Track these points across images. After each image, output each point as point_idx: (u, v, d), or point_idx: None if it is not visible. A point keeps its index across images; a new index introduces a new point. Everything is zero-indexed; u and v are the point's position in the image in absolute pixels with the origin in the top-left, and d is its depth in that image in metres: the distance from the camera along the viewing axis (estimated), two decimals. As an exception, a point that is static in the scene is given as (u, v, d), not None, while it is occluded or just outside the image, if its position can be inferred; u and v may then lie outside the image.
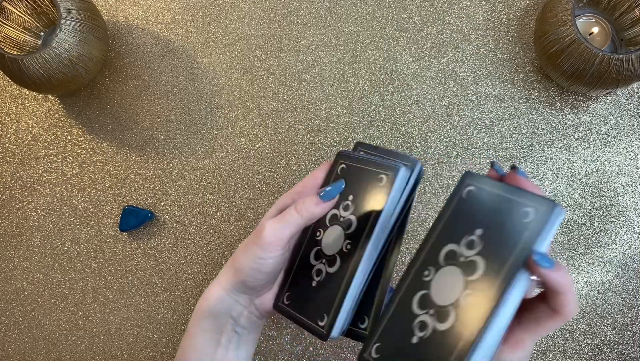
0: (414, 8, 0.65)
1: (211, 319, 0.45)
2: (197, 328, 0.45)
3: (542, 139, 0.63)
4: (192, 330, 0.45)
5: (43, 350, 0.63)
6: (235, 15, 0.66)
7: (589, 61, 0.54)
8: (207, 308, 0.45)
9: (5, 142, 0.65)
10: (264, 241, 0.42)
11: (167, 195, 0.64)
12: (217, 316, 0.45)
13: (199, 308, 0.46)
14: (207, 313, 0.45)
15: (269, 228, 0.42)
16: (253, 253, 0.43)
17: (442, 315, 0.35)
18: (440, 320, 0.35)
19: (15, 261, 0.64)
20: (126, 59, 0.66)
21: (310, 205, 0.43)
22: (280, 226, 0.42)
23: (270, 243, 0.42)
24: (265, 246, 0.42)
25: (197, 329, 0.45)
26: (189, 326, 0.46)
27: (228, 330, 0.46)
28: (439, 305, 0.35)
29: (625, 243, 0.61)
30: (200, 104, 0.65)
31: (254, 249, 0.43)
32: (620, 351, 0.60)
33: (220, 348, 0.45)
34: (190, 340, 0.45)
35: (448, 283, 0.36)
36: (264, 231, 0.42)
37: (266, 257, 0.43)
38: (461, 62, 0.64)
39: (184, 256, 0.63)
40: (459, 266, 0.36)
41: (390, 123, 0.64)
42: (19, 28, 0.61)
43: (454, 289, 0.35)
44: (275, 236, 0.42)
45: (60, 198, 0.64)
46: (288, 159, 0.64)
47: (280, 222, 0.42)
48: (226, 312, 0.45)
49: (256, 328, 0.48)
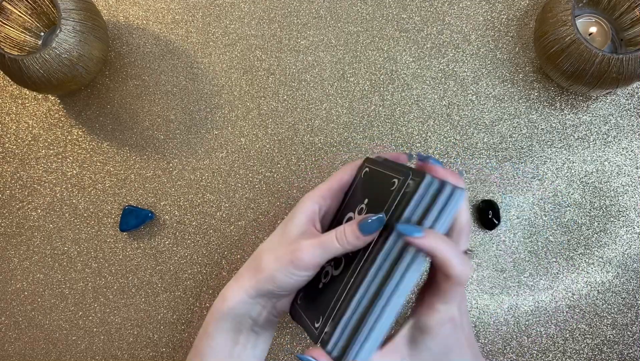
0: (414, 8, 0.65)
1: (231, 320, 0.45)
2: (216, 328, 0.45)
3: (542, 139, 0.63)
4: (211, 330, 0.45)
5: (43, 350, 0.63)
6: (235, 15, 0.66)
7: (589, 61, 0.54)
8: (227, 309, 0.45)
9: (5, 142, 0.65)
10: (304, 262, 0.42)
11: (167, 195, 0.64)
12: (237, 318, 0.45)
13: (218, 309, 0.45)
14: (227, 315, 0.45)
15: (307, 251, 0.42)
16: (288, 270, 0.42)
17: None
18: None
19: (15, 261, 0.64)
20: (126, 59, 0.66)
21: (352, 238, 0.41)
22: (319, 252, 0.42)
23: (307, 265, 0.42)
24: (303, 267, 0.42)
25: (216, 329, 0.45)
26: (206, 326, 0.46)
27: (247, 329, 0.45)
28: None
29: (625, 243, 0.61)
30: (200, 104, 0.65)
31: (289, 267, 0.42)
32: (620, 351, 0.60)
33: (238, 347, 0.45)
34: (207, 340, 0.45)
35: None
36: (303, 253, 0.42)
37: (302, 275, 0.43)
38: (461, 62, 0.64)
39: (184, 256, 0.63)
40: None
41: (390, 123, 0.64)
42: (19, 28, 0.61)
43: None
44: (313, 261, 0.42)
45: (60, 198, 0.64)
46: (288, 159, 0.64)
47: (320, 248, 0.42)
48: (246, 313, 0.45)
49: (273, 326, 0.48)
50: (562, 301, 0.61)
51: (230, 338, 0.45)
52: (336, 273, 0.43)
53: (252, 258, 0.46)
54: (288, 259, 0.42)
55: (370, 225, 0.40)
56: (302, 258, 0.42)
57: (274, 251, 0.44)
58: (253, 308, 0.45)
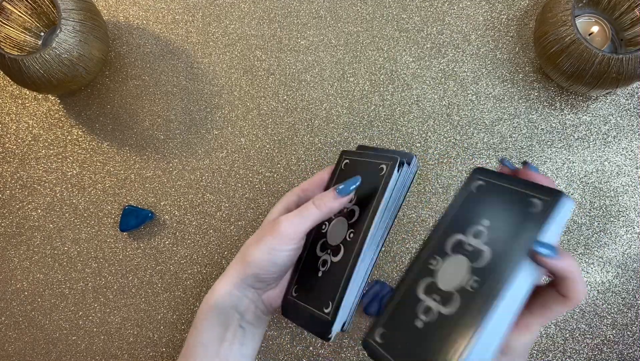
0: (414, 8, 0.65)
1: (218, 314, 0.45)
2: (203, 323, 0.45)
3: (542, 139, 0.63)
4: (199, 324, 0.46)
5: (43, 350, 0.63)
6: (235, 15, 0.66)
7: (589, 61, 0.54)
8: (214, 302, 0.45)
9: (5, 142, 0.65)
10: (282, 234, 0.43)
11: (167, 195, 0.64)
12: (224, 311, 0.45)
13: (206, 303, 0.46)
14: (214, 308, 0.45)
15: (285, 221, 0.43)
16: (269, 244, 0.43)
17: (446, 299, 0.35)
18: (444, 303, 0.35)
19: (15, 261, 0.64)
20: (126, 59, 0.66)
21: (329, 200, 0.44)
22: (297, 220, 0.43)
23: (288, 235, 0.43)
24: (282, 238, 0.43)
25: (204, 324, 0.45)
26: (196, 321, 0.46)
27: (234, 325, 0.46)
28: (443, 290, 0.36)
29: (625, 243, 0.61)
30: (200, 104, 0.65)
31: (269, 241, 0.43)
32: (620, 351, 0.60)
33: (226, 344, 0.45)
34: (196, 335, 0.45)
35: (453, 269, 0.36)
36: (281, 224, 0.43)
37: (282, 249, 0.43)
38: (461, 62, 0.64)
39: (184, 256, 0.63)
40: (465, 254, 0.36)
41: (390, 123, 0.64)
42: (19, 28, 0.61)
43: (458, 275, 0.36)
44: (292, 229, 0.43)
45: (60, 198, 0.64)
46: (288, 159, 0.64)
47: (298, 216, 0.44)
48: (233, 306, 0.45)
49: (261, 323, 0.48)
50: (562, 301, 0.61)
51: (218, 333, 0.45)
52: (336, 259, 0.45)
53: (239, 252, 0.47)
54: (268, 236, 0.44)
55: (347, 186, 0.44)
56: (281, 229, 0.43)
57: (255, 238, 0.45)
58: (240, 301, 0.46)
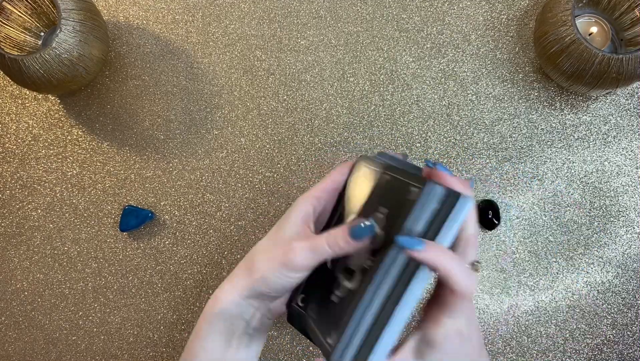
0: (414, 8, 0.65)
1: (223, 321, 0.44)
2: (208, 330, 0.45)
3: (542, 139, 0.63)
4: (203, 330, 0.45)
5: (43, 350, 0.63)
6: (235, 15, 0.66)
7: (589, 61, 0.54)
8: (220, 310, 0.44)
9: (5, 142, 0.65)
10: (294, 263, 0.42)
11: (167, 195, 0.64)
12: (230, 319, 0.44)
13: (211, 310, 0.45)
14: (219, 315, 0.44)
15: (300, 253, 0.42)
16: (280, 269, 0.42)
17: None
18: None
19: (15, 261, 0.64)
20: (126, 59, 0.66)
21: (342, 242, 0.41)
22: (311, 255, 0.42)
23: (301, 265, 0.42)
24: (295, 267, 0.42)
25: (208, 330, 0.45)
26: (199, 326, 0.45)
27: (240, 332, 0.45)
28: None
29: (625, 243, 0.61)
30: (200, 104, 0.65)
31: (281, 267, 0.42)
32: (620, 351, 0.60)
33: (232, 349, 0.45)
34: (200, 341, 0.45)
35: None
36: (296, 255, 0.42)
37: (294, 277, 0.43)
38: (461, 62, 0.64)
39: (184, 256, 0.63)
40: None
41: (390, 123, 0.64)
42: (19, 28, 0.61)
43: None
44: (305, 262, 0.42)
45: (60, 198, 0.64)
46: (288, 159, 0.64)
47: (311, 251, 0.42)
48: (239, 315, 0.45)
49: (267, 327, 0.48)
50: (562, 301, 0.61)
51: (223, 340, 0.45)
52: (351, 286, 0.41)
53: (246, 258, 0.46)
54: (280, 260, 0.42)
55: (361, 231, 0.39)
56: (293, 260, 0.42)
57: (267, 252, 0.44)
58: (246, 310, 0.45)
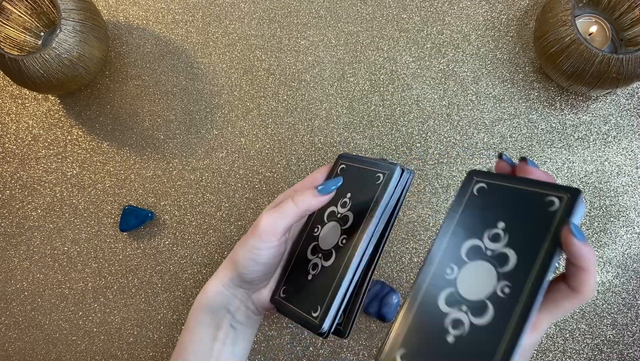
0: (414, 8, 0.65)
1: (209, 313, 0.46)
2: (195, 322, 0.46)
3: (542, 139, 0.63)
4: (191, 324, 0.46)
5: (43, 350, 0.63)
6: (235, 15, 0.66)
7: (589, 61, 0.54)
8: (205, 301, 0.46)
9: (5, 142, 0.65)
10: (260, 231, 0.43)
11: (167, 195, 0.64)
12: (215, 310, 0.46)
13: (198, 302, 0.46)
14: (205, 307, 0.46)
15: (265, 218, 0.43)
16: (249, 243, 0.44)
17: (477, 309, 0.34)
18: (476, 314, 0.34)
19: (15, 261, 0.64)
20: (126, 59, 0.66)
21: (308, 197, 0.44)
22: (276, 216, 0.43)
23: (266, 232, 0.43)
24: (261, 236, 0.43)
25: (196, 323, 0.46)
26: (188, 320, 0.47)
27: (225, 324, 0.46)
28: (472, 300, 0.34)
29: (625, 243, 0.61)
30: (200, 104, 0.65)
31: (250, 239, 0.44)
32: (620, 351, 0.60)
33: (218, 343, 0.46)
34: (188, 334, 0.46)
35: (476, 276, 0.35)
36: (261, 221, 0.43)
37: (262, 247, 0.43)
38: (461, 62, 0.64)
39: (184, 256, 0.63)
40: (488, 259, 0.35)
41: (390, 123, 0.64)
42: (19, 28, 0.61)
43: (486, 282, 0.34)
44: (271, 226, 0.43)
45: (60, 198, 0.64)
46: (288, 159, 0.64)
47: (277, 212, 0.43)
48: (224, 306, 0.46)
49: (253, 323, 0.48)
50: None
51: (209, 332, 0.46)
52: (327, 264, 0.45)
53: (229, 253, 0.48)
54: (250, 235, 0.44)
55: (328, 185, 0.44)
56: (260, 226, 0.43)
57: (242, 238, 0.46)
58: (230, 301, 0.46)
